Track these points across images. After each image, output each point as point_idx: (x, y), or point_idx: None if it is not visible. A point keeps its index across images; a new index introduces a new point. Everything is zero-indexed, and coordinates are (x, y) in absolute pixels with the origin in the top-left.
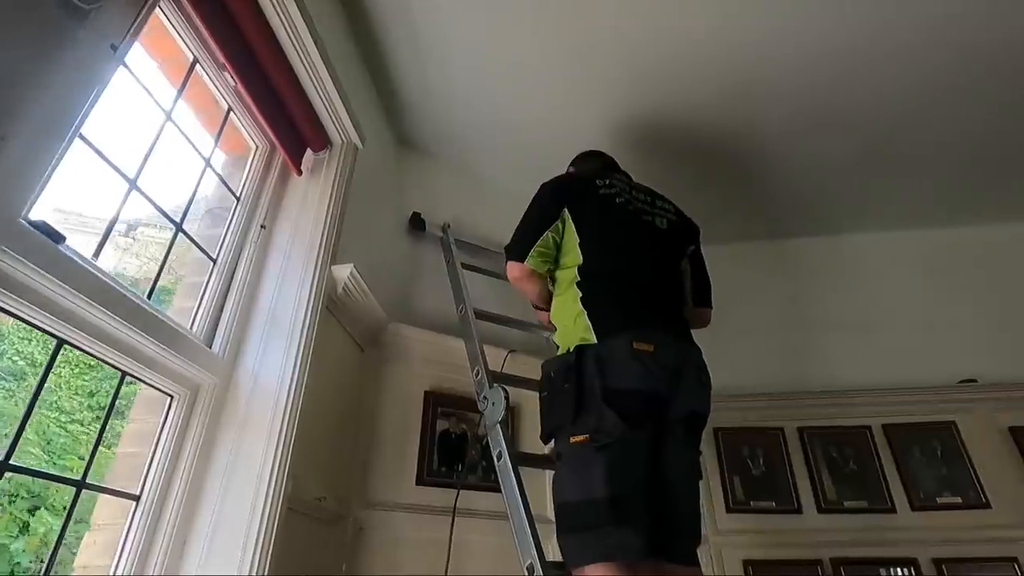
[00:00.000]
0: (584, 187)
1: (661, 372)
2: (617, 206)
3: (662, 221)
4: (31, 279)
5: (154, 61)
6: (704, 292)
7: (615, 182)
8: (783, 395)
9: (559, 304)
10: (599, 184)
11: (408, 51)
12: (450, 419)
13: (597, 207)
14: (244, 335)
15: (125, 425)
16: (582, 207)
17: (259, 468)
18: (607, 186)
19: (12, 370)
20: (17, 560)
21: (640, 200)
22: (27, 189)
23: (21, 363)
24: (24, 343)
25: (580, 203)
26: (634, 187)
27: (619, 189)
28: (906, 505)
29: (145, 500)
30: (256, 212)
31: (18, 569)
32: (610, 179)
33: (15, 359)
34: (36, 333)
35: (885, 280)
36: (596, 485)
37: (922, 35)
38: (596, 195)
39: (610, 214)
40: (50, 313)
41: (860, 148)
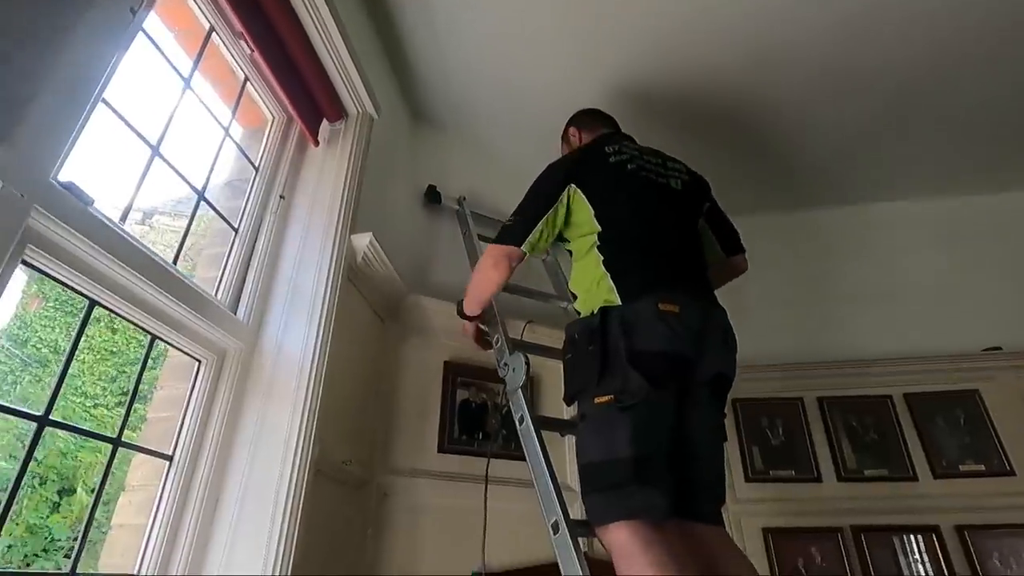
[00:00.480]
0: (593, 157)
1: (687, 333)
2: (629, 173)
3: (676, 182)
4: (64, 239)
5: (170, 31)
6: (733, 239)
7: (624, 148)
8: (802, 365)
9: (579, 270)
10: (608, 151)
11: (420, 21)
12: (470, 389)
13: (609, 176)
14: (267, 303)
15: (154, 393)
16: (593, 178)
17: (286, 432)
18: (616, 152)
19: (37, 357)
20: (56, 537)
21: (652, 163)
22: (55, 150)
23: (44, 350)
24: (47, 331)
25: (590, 175)
26: (643, 151)
27: (629, 155)
28: (928, 473)
29: (178, 460)
30: (275, 183)
31: (53, 546)
32: (618, 145)
33: (39, 347)
34: (59, 319)
35: (907, 249)
36: (620, 445)
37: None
38: (606, 164)
39: (623, 181)
40: (82, 273)
41: (881, 114)
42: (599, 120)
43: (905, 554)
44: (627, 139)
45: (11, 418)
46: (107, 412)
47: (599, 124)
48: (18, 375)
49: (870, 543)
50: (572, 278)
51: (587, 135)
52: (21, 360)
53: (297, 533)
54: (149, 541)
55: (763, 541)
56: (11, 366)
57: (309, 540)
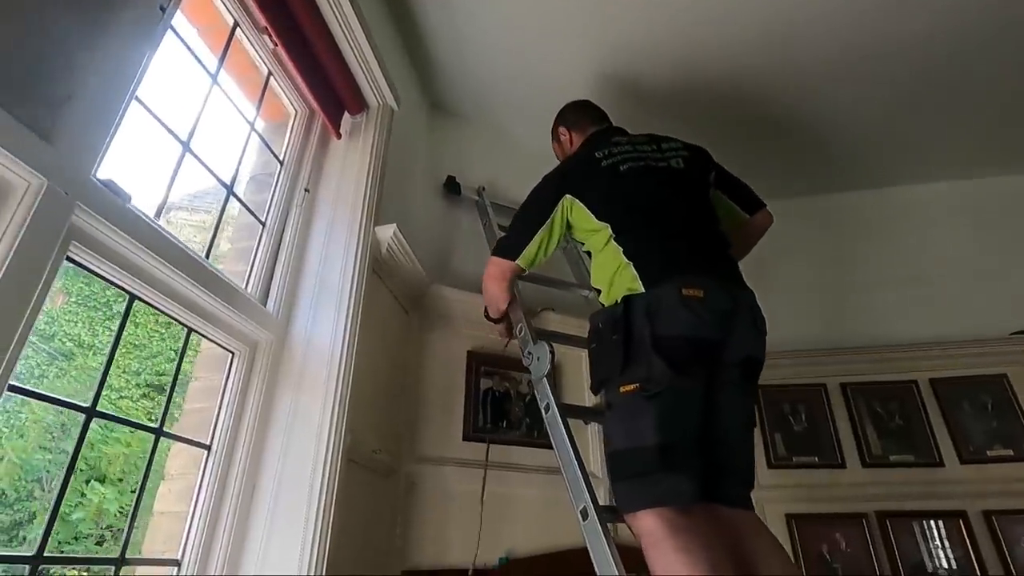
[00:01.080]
0: (584, 166)
1: (712, 317)
2: (623, 172)
3: (676, 161)
4: (105, 235)
5: (194, 27)
6: (750, 196)
7: (614, 149)
8: (824, 351)
9: (599, 264)
10: (599, 157)
11: (438, 10)
12: (493, 378)
13: (603, 180)
14: (295, 296)
15: (189, 385)
16: (587, 186)
17: (318, 422)
18: (607, 156)
19: (62, 351)
20: (80, 528)
21: (646, 151)
22: (95, 148)
23: (69, 344)
24: (71, 325)
25: (583, 184)
26: (635, 141)
27: (621, 154)
28: (955, 458)
29: (216, 449)
30: (299, 176)
31: (81, 534)
32: (608, 148)
33: (64, 341)
34: (81, 314)
35: (931, 232)
36: (646, 433)
37: None
38: (598, 169)
39: (619, 180)
40: (123, 268)
41: (908, 94)
42: (587, 116)
43: (931, 540)
44: (617, 134)
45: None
46: (132, 404)
47: (587, 121)
48: (45, 369)
49: (896, 529)
50: (593, 274)
51: (577, 135)
52: (48, 354)
53: (332, 520)
54: (191, 527)
55: (786, 527)
56: (38, 360)
57: (341, 527)
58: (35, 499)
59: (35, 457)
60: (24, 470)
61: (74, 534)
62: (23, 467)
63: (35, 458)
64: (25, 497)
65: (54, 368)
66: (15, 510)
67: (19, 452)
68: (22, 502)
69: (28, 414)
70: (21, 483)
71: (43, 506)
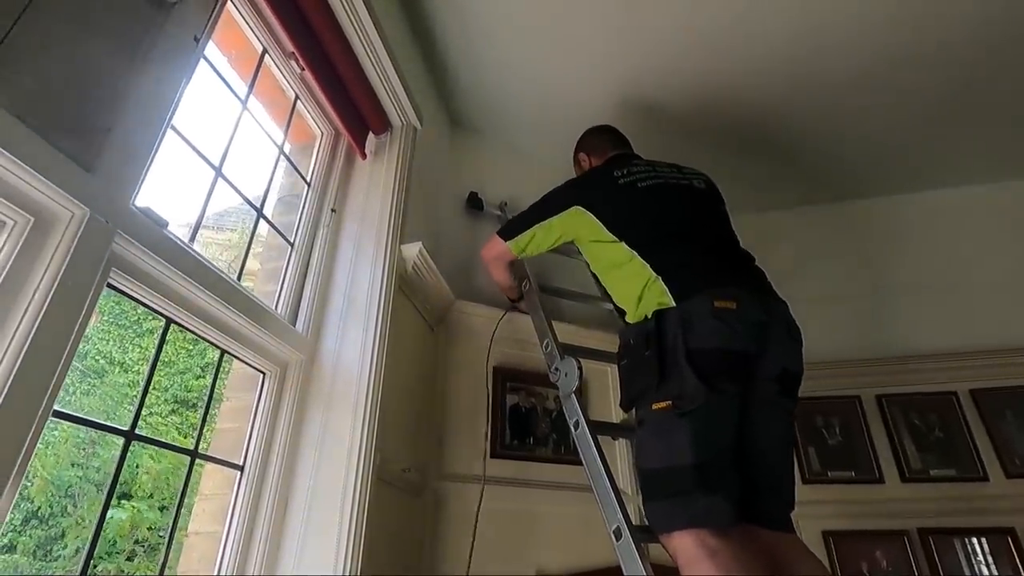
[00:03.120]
0: (601, 178)
1: (746, 329)
2: (642, 189)
3: (698, 182)
4: (143, 261)
5: (224, 55)
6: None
7: (633, 169)
8: (858, 362)
9: (621, 280)
10: (617, 175)
11: (457, 31)
12: (519, 394)
13: (620, 195)
14: (324, 315)
15: (221, 405)
16: (602, 199)
17: (348, 441)
18: (625, 175)
19: (95, 368)
20: (112, 544)
21: (666, 172)
22: (134, 176)
23: (102, 361)
24: (103, 343)
25: (598, 196)
26: (655, 164)
27: (640, 173)
28: (1000, 472)
29: (248, 469)
30: (326, 196)
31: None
32: (627, 167)
33: (96, 358)
34: (113, 332)
35: (964, 237)
36: (681, 452)
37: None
38: (615, 185)
39: (637, 197)
40: (160, 293)
41: (935, 97)
42: (607, 142)
43: (976, 558)
44: (636, 158)
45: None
46: (161, 420)
47: (607, 146)
48: (76, 386)
49: (939, 546)
50: (615, 293)
51: (596, 159)
52: (81, 371)
53: (363, 540)
54: (226, 547)
55: (824, 545)
56: (71, 378)
57: (372, 546)
58: (68, 515)
59: (66, 473)
60: (56, 486)
61: (107, 550)
62: (55, 483)
63: (66, 474)
64: (58, 513)
65: (83, 385)
66: (49, 526)
67: (50, 468)
68: (55, 518)
69: (60, 431)
70: (54, 499)
71: (75, 522)
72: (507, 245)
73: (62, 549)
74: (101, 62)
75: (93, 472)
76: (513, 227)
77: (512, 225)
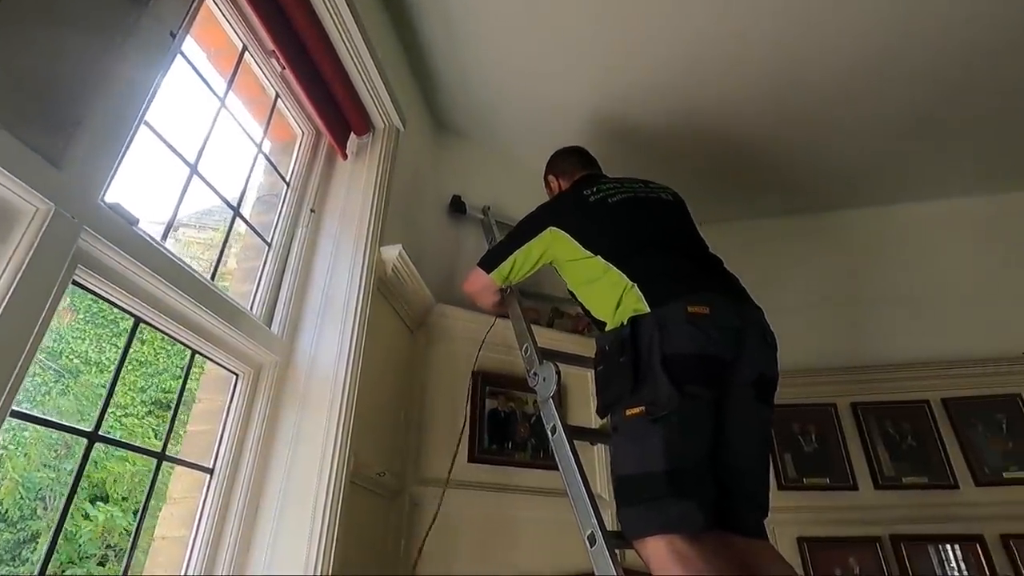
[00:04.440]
0: (572, 199)
1: (721, 334)
2: (612, 204)
3: (666, 195)
4: (111, 259)
5: (203, 51)
6: None
7: (602, 187)
8: (834, 370)
9: (597, 292)
10: (587, 194)
11: (442, 34)
12: (498, 398)
13: (591, 212)
14: (300, 316)
15: (192, 407)
16: (574, 218)
17: (322, 443)
18: (594, 192)
19: (69, 368)
20: (85, 548)
21: (635, 187)
22: (103, 172)
23: (76, 361)
24: (78, 342)
25: (570, 216)
26: (622, 180)
27: (608, 191)
28: (970, 480)
29: (218, 472)
30: (305, 197)
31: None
32: (596, 186)
33: (71, 358)
34: (89, 331)
35: (940, 250)
36: (654, 458)
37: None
38: (586, 204)
39: (608, 212)
40: (129, 292)
41: (909, 113)
42: (575, 163)
43: (948, 564)
44: (603, 178)
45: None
46: (136, 421)
47: (575, 168)
48: (51, 386)
49: (910, 553)
50: (593, 306)
51: (565, 181)
52: (55, 371)
53: (335, 545)
54: (192, 552)
55: (798, 551)
56: (44, 378)
57: (344, 551)
58: (38, 518)
59: (37, 475)
60: (26, 488)
61: (79, 554)
62: (25, 485)
63: (37, 476)
64: (28, 516)
65: (59, 385)
66: (18, 529)
67: (21, 471)
68: (25, 521)
69: (31, 432)
70: (24, 502)
71: (47, 525)
72: (490, 277)
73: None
74: (72, 55)
75: (65, 475)
76: (493, 258)
77: (491, 256)
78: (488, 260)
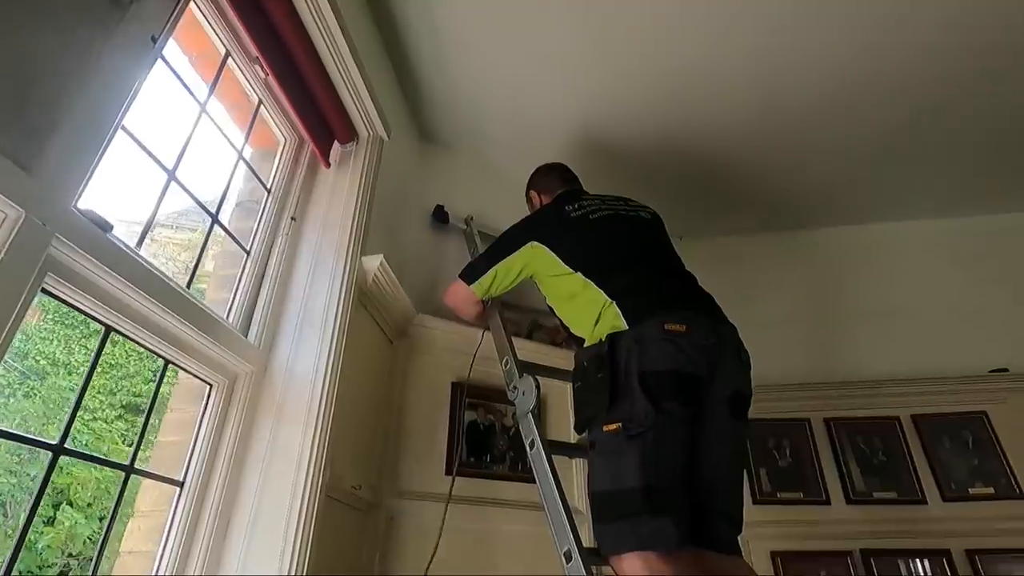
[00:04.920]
0: (554, 213)
1: (697, 352)
2: (593, 220)
3: (645, 214)
4: (83, 267)
5: (186, 56)
6: None
7: (583, 203)
8: (808, 385)
9: (576, 308)
10: (569, 209)
11: (429, 43)
12: (477, 410)
13: (572, 228)
14: (278, 326)
15: (164, 417)
16: (555, 233)
17: (297, 456)
18: (576, 209)
19: (36, 369)
20: (45, 556)
21: (615, 205)
22: (77, 178)
23: (44, 362)
24: (46, 343)
25: (551, 230)
26: (603, 198)
27: (590, 206)
28: (937, 496)
29: (189, 486)
30: (286, 204)
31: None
32: (577, 202)
33: (38, 359)
34: (58, 332)
35: (911, 269)
36: (629, 475)
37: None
38: (568, 219)
39: (588, 228)
40: (99, 300)
41: (882, 136)
42: (556, 179)
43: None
44: (585, 194)
45: None
46: (105, 426)
47: (557, 184)
48: (15, 388)
49: (880, 567)
50: (572, 322)
51: (547, 196)
52: (21, 373)
53: (308, 560)
54: (160, 568)
55: (771, 564)
56: (9, 379)
57: (318, 566)
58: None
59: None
60: None
61: (39, 563)
62: None
63: None
64: None
65: (23, 388)
66: None
67: None
68: None
69: None
70: None
71: (5, 533)
72: (470, 289)
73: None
74: (49, 58)
75: (28, 480)
76: (473, 271)
77: (472, 269)
78: (469, 273)
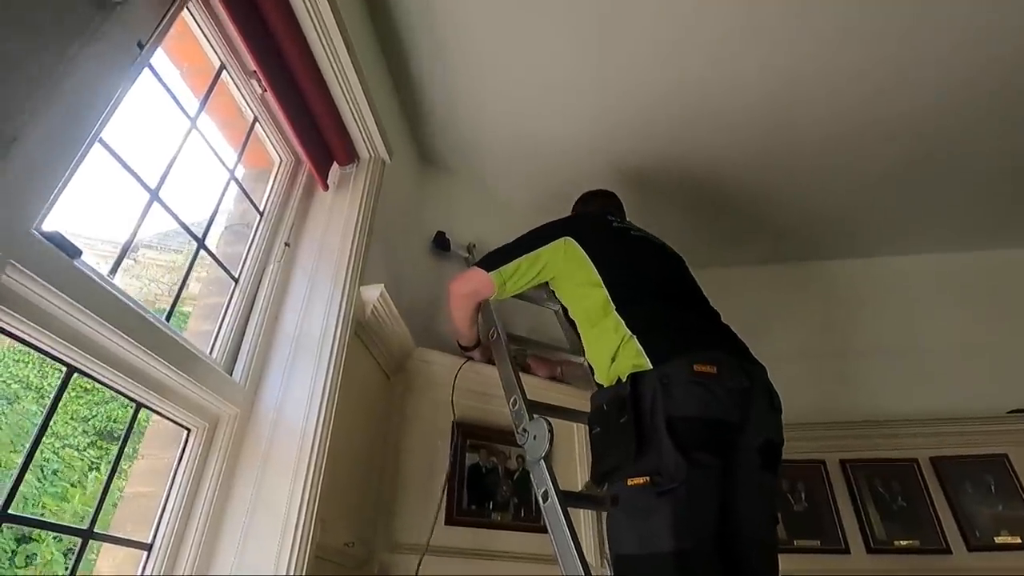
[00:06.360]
0: (595, 218)
1: (728, 396)
2: (631, 237)
3: (669, 249)
4: (43, 299)
5: (176, 68)
6: None
7: (626, 222)
8: (822, 424)
9: (595, 337)
10: (611, 219)
11: (434, 66)
12: (480, 452)
13: (610, 235)
14: (267, 362)
15: (132, 463)
16: (592, 235)
17: (284, 510)
18: (619, 223)
19: (5, 393)
20: None
21: (647, 233)
22: (41, 196)
23: (15, 386)
24: (19, 366)
25: (589, 231)
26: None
27: (630, 226)
28: (961, 545)
29: (158, 549)
30: (280, 229)
31: None
32: (622, 219)
33: (9, 382)
34: (33, 355)
35: (927, 304)
36: (660, 537)
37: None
38: (609, 227)
39: (624, 242)
40: (62, 337)
41: (895, 169)
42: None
43: None
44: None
45: None
46: (76, 454)
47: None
48: None
49: None
50: (589, 348)
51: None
52: None
53: None
54: None
55: None
56: None
57: None
58: None
59: None
60: None
61: None
62: None
63: None
64: None
65: None
66: None
67: None
68: None
69: None
70: None
71: None
72: (489, 276)
73: None
74: (15, 61)
75: None
76: (496, 258)
77: (494, 256)
78: (490, 260)
